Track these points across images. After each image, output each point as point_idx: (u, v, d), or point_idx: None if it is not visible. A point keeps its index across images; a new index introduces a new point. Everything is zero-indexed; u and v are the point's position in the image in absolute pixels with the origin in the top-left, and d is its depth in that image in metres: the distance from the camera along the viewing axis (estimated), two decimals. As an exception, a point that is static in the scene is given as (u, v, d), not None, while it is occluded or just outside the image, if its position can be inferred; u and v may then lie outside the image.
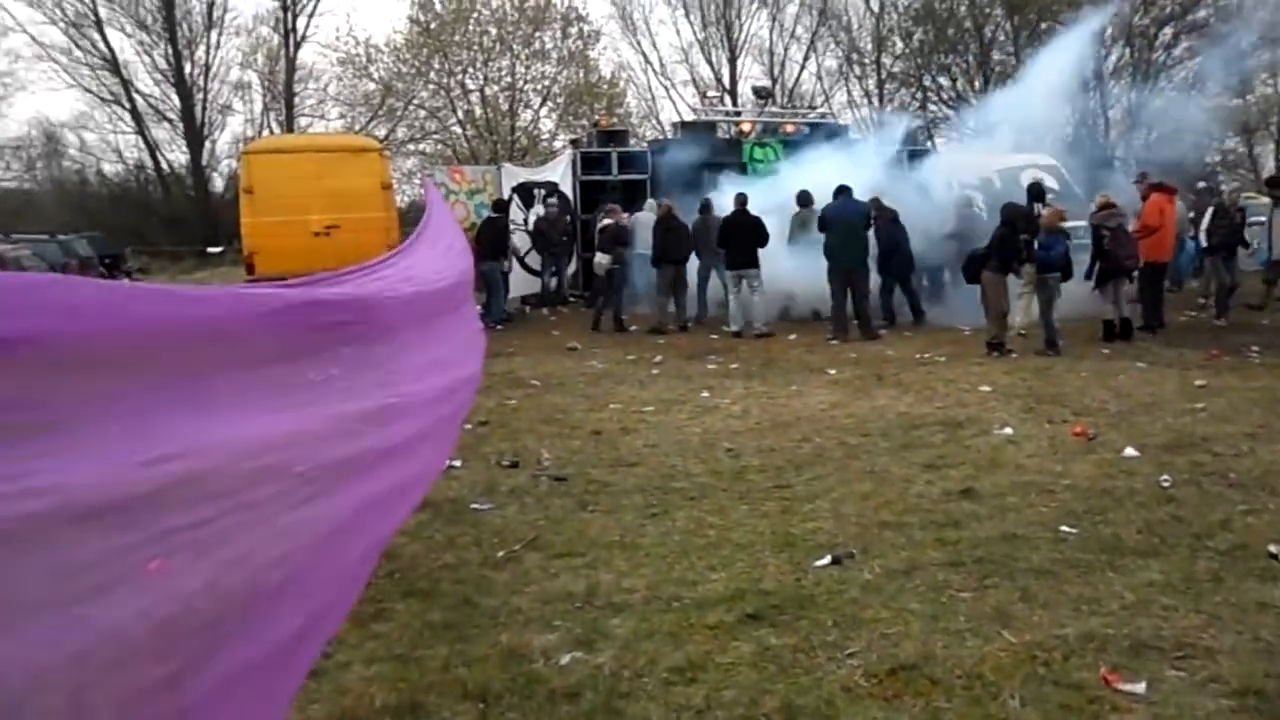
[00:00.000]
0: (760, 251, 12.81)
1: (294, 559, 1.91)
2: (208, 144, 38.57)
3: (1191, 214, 14.97)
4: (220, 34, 37.03)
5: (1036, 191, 12.65)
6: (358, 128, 34.49)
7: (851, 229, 12.26)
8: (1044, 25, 33.80)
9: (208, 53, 37.02)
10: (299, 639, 1.92)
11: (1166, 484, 5.63)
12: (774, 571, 4.46)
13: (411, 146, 36.69)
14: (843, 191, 12.52)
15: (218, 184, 39.16)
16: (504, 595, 4.29)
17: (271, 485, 1.94)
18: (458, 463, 6.43)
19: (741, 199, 12.88)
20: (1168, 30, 33.83)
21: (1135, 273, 11.74)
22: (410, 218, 19.51)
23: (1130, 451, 6.36)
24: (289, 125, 36.12)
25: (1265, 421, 7.14)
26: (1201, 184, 16.92)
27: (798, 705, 3.18)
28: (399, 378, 2.77)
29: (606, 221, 13.75)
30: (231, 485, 1.83)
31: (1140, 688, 3.24)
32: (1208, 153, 33.72)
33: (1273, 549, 4.54)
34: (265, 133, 36.62)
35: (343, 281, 2.99)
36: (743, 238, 12.71)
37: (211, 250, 30.54)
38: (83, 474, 1.52)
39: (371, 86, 35.19)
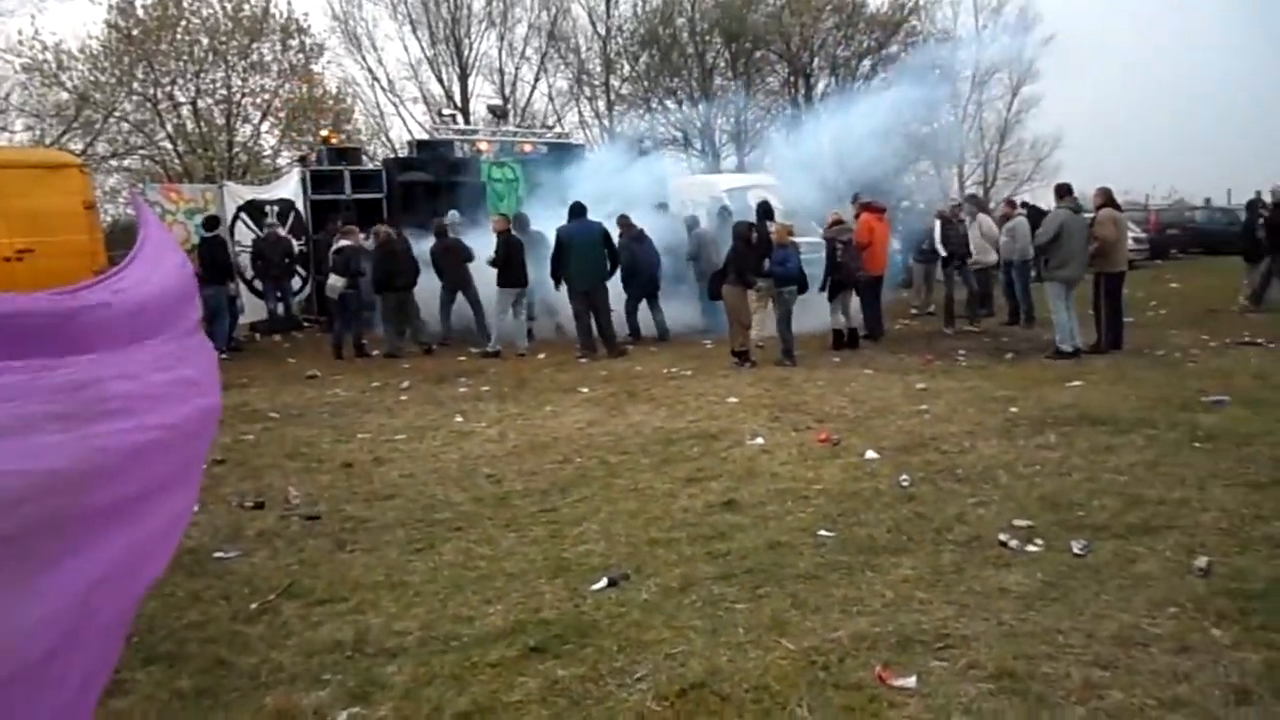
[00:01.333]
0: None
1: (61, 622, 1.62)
2: None
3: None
4: (-127, 34, 32.49)
5: (765, 210, 13.34)
6: (49, 141, 31.24)
7: (591, 247, 12.43)
8: (758, 53, 35.96)
9: None
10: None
11: (906, 483, 6.02)
12: (551, 599, 4.35)
13: (114, 162, 33.60)
14: (578, 212, 12.66)
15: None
16: (263, 651, 3.92)
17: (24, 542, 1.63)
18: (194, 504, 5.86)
19: (522, 219, 12.88)
20: (866, 62, 36.85)
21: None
22: (117, 240, 17.88)
23: (871, 454, 6.77)
24: (-37, 138, 32.17)
25: (980, 420, 7.83)
26: (905, 203, 18.51)
27: (594, 739, 3.10)
28: (153, 398, 2.40)
29: (343, 243, 13.17)
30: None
31: (911, 681, 3.40)
32: (904, 174, 37.17)
33: (1003, 537, 4.94)
34: (-66, 147, 32.47)
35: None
36: (516, 257, 12.60)
37: None
38: None
39: (64, 96, 31.97)
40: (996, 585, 4.33)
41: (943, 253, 14.86)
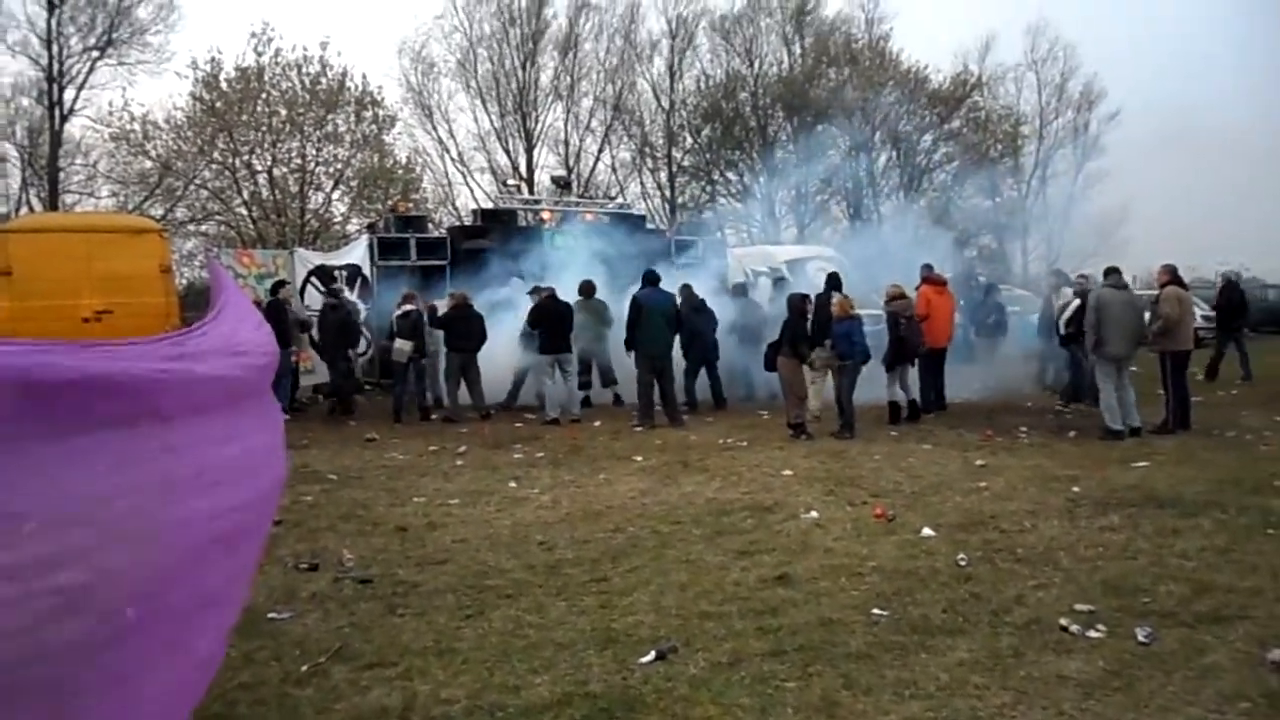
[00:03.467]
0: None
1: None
2: (-44, 220, 35.32)
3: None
4: (-29, 102, 34.22)
5: (835, 281, 13.30)
6: (131, 207, 32.48)
7: (664, 316, 12.57)
8: (819, 127, 36.30)
9: (-44, 122, 34.12)
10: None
11: (963, 562, 5.90)
12: (599, 671, 4.31)
13: (192, 227, 34.82)
14: (651, 280, 12.84)
15: (-33, 264, 35.75)
16: (310, 716, 3.94)
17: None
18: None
19: (551, 289, 13.01)
20: (928, 136, 36.98)
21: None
22: (191, 302, 18.43)
23: (928, 531, 6.65)
24: (53, 203, 33.54)
25: (1041, 499, 7.66)
26: (983, 277, 18.34)
27: (637, 818, 3.04)
28: (236, 473, 2.45)
29: (407, 307, 13.45)
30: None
31: (967, 771, 3.30)
32: (966, 248, 36.98)
33: (1063, 622, 4.80)
34: (24, 211, 33.88)
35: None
36: (555, 324, 12.77)
37: (-41, 336, 27.73)
38: None
39: (148, 164, 33.31)
40: (1056, 672, 4.20)
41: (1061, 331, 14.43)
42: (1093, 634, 4.65)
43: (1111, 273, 10.99)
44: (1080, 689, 4.01)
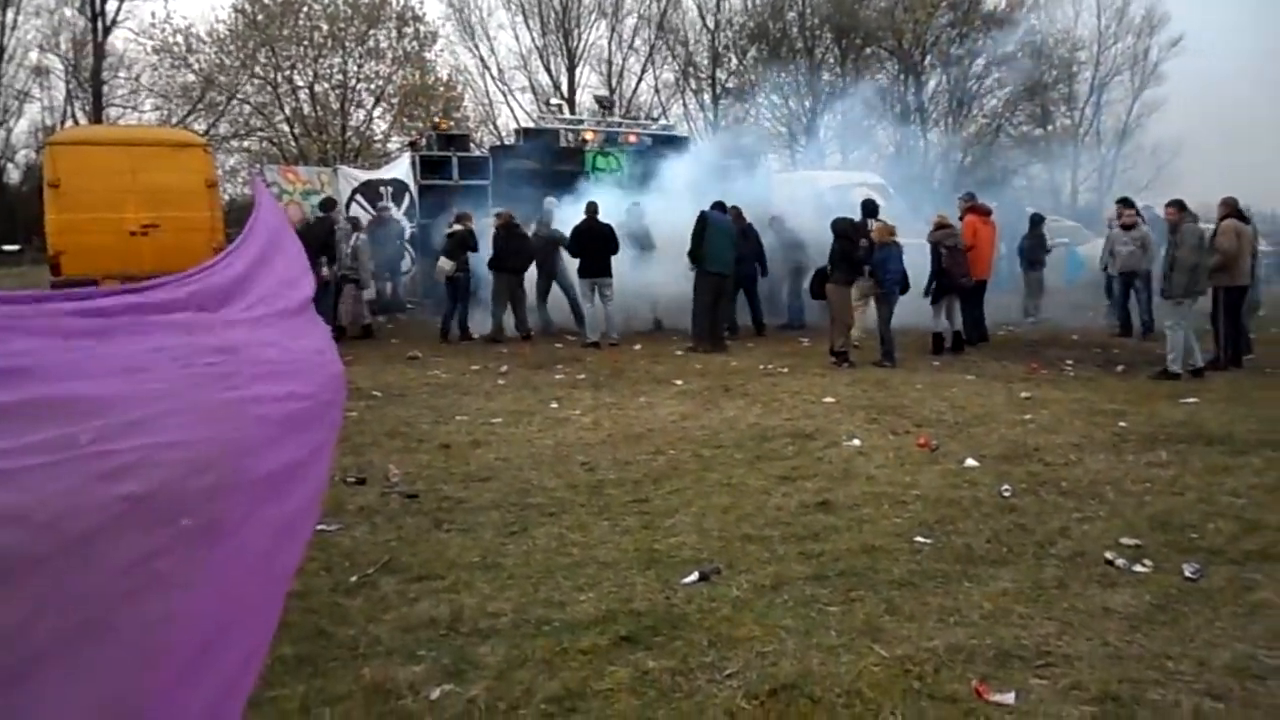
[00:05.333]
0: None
1: (227, 597, 1.66)
2: (1, 132, 35.66)
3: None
4: (18, 14, 34.27)
5: (871, 208, 13.11)
6: (175, 121, 32.57)
7: (728, 236, 12.50)
8: (868, 50, 35.42)
9: (2, 33, 34.22)
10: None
11: (1007, 493, 5.87)
12: (643, 590, 4.36)
13: (235, 143, 34.92)
14: (719, 206, 12.77)
15: (13, 175, 36.27)
16: (361, 624, 4.02)
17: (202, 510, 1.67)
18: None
19: (593, 207, 12.84)
20: (980, 60, 35.95)
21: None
22: (234, 217, 18.52)
23: (971, 462, 6.61)
24: (96, 116, 33.69)
25: (1087, 432, 7.58)
26: (1029, 209, 17.89)
27: (682, 733, 3.09)
28: (290, 374, 2.43)
29: (456, 227, 13.42)
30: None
31: (1010, 698, 3.31)
32: (1016, 177, 36.20)
33: (1109, 555, 4.77)
34: (69, 123, 34.10)
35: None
36: (596, 246, 12.67)
37: (8, 248, 28.18)
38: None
39: (191, 78, 33.30)
40: (1101, 605, 4.18)
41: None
42: (1139, 568, 4.62)
43: (1184, 208, 10.41)
44: (1125, 622, 3.99)
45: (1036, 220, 16.44)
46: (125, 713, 1.49)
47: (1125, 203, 14.70)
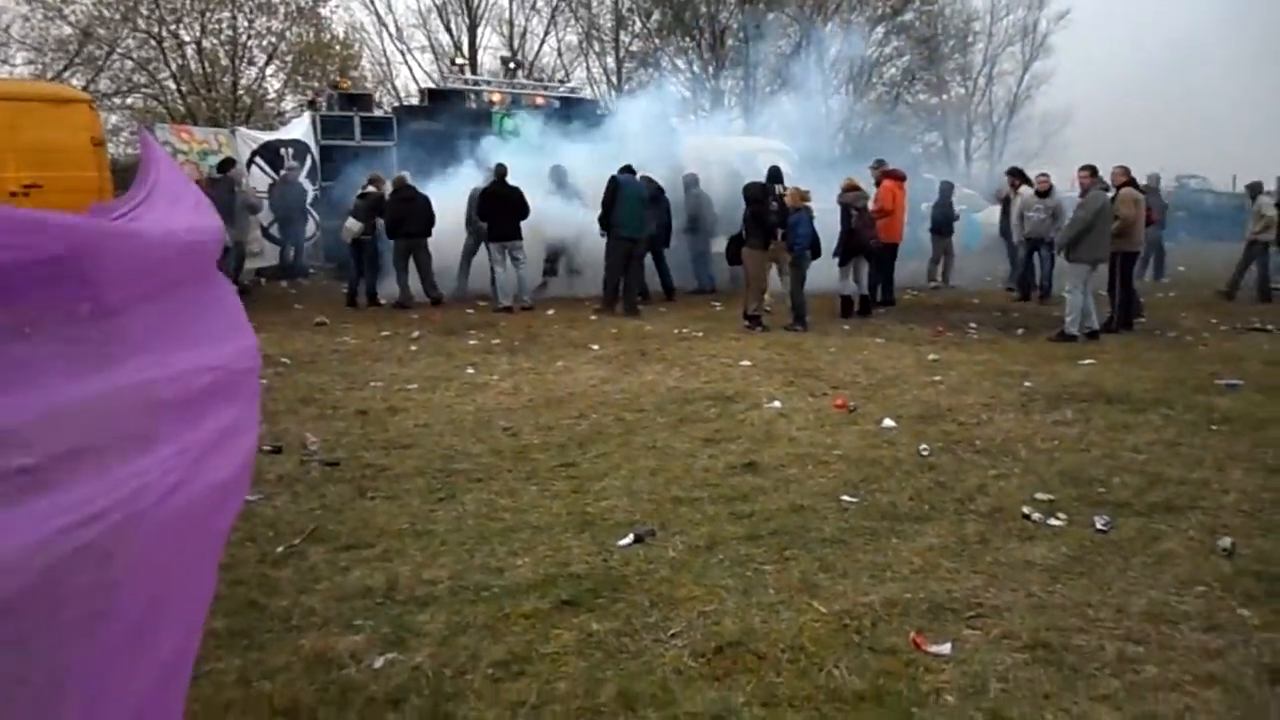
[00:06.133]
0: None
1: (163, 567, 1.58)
2: None
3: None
4: None
5: (775, 174, 13.23)
6: (50, 76, 30.80)
7: (640, 200, 12.45)
8: (770, 15, 35.55)
9: None
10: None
11: (925, 453, 6.03)
12: (579, 554, 4.35)
13: (116, 100, 33.21)
14: (628, 170, 12.69)
15: None
16: (293, 595, 3.92)
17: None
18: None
19: (502, 170, 12.64)
20: (880, 29, 36.48)
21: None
22: (120, 178, 17.68)
23: (888, 422, 6.77)
24: (-38, 69, 31.68)
25: (995, 393, 7.83)
26: (928, 175, 18.35)
27: (634, 692, 3.10)
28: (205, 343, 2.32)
29: (369, 189, 13.04)
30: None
31: (946, 648, 3.42)
32: (912, 146, 37.01)
33: (1025, 510, 4.95)
34: (-68, 76, 31.96)
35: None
36: (505, 209, 12.51)
37: None
38: None
39: (67, 30, 31.51)
40: (1022, 557, 4.34)
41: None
42: (1054, 522, 4.80)
43: (1095, 174, 10.75)
44: (1046, 573, 4.15)
45: (947, 187, 16.83)
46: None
47: (1016, 173, 15.20)
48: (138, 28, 31.33)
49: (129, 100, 33.61)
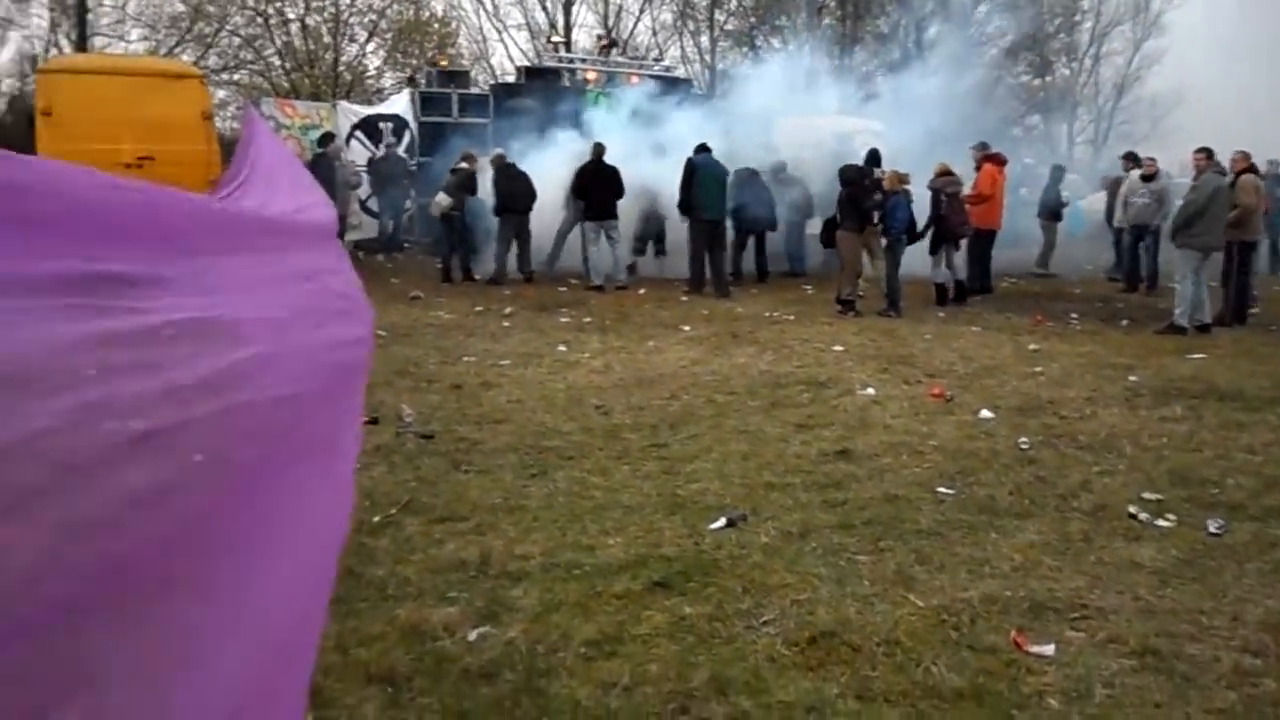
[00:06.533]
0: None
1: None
2: (-15, 59, 34.81)
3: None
4: (0, -63, 33.30)
5: (874, 157, 12.96)
6: (163, 52, 31.85)
7: (718, 182, 12.34)
8: (871, -6, 34.88)
9: (-17, -43, 33.27)
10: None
11: (1025, 446, 5.86)
12: (671, 536, 4.34)
13: (224, 76, 34.21)
14: (705, 149, 12.57)
15: (-2, 104, 35.49)
16: (389, 565, 3.99)
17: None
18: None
19: (599, 149, 12.65)
20: (983, 7, 35.48)
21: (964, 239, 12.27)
22: (227, 153, 18.20)
23: (986, 413, 6.60)
24: (81, 45, 32.93)
25: (1098, 386, 7.57)
26: (1028, 159, 17.82)
27: (726, 678, 3.08)
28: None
29: (462, 165, 13.21)
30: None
31: (1049, 649, 3.31)
32: (1013, 128, 35.90)
33: (1132, 509, 4.77)
34: (53, 52, 33.31)
35: None
36: (602, 188, 12.50)
37: (-6, 178, 27.71)
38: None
39: (180, 8, 32.54)
40: (1129, 558, 4.18)
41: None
42: (1162, 523, 4.62)
43: (1211, 157, 10.26)
44: (1155, 576, 3.99)
45: (1057, 172, 16.31)
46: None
47: (1131, 157, 14.61)
48: (245, 5, 32.18)
49: (236, 76, 34.58)
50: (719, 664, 3.18)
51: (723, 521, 4.50)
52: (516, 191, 12.91)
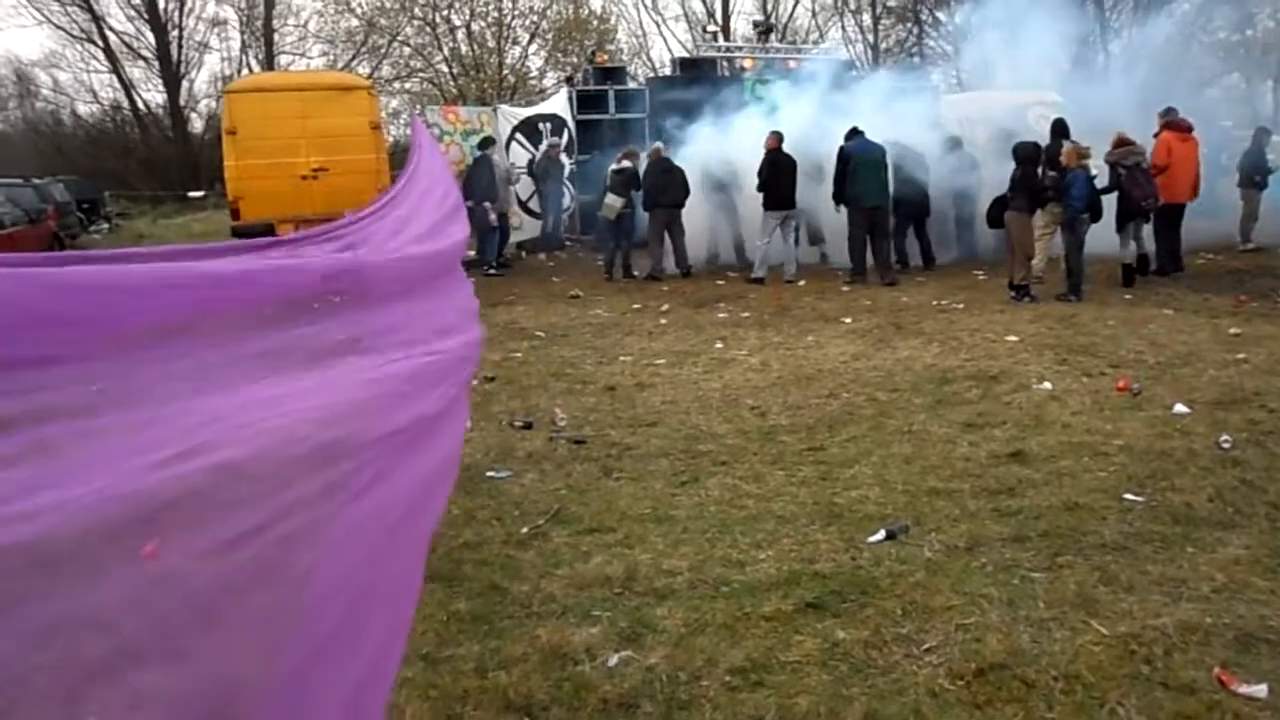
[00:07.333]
0: None
1: (364, 565, 1.54)
2: (184, 83, 37.54)
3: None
4: (196, -32, 35.78)
5: (1061, 128, 12.06)
6: (341, 65, 33.50)
7: (875, 167, 11.86)
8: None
9: (181, -13, 35.82)
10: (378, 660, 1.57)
11: (1227, 445, 5.29)
12: (826, 550, 4.10)
13: (397, 85, 35.74)
14: (857, 133, 12.08)
15: (196, 124, 38.23)
16: (534, 579, 3.92)
17: (323, 472, 1.54)
18: (467, 424, 6.04)
19: (778, 138, 12.28)
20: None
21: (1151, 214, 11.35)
22: (397, 160, 18.88)
23: (1180, 408, 6.01)
24: (269, 64, 35.07)
25: (1314, 373, 6.81)
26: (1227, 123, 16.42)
27: (883, 715, 2.85)
28: (425, 334, 2.35)
29: (624, 164, 13.19)
30: (275, 477, 1.44)
31: (1262, 691, 2.90)
32: (1209, 89, 33.20)
33: (1358, 520, 4.21)
34: (244, 72, 35.57)
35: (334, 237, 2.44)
36: (783, 177, 12.16)
37: (193, 194, 29.79)
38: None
39: (354, 22, 34.17)
40: (1357, 578, 3.67)
41: None
42: (1397, 536, 4.05)
43: None
44: (1389, 600, 3.49)
45: (1261, 134, 14.92)
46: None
47: None
48: (415, 16, 33.44)
49: (408, 85, 36.04)
50: (875, 698, 2.95)
51: (882, 534, 4.23)
52: (668, 186, 12.75)
